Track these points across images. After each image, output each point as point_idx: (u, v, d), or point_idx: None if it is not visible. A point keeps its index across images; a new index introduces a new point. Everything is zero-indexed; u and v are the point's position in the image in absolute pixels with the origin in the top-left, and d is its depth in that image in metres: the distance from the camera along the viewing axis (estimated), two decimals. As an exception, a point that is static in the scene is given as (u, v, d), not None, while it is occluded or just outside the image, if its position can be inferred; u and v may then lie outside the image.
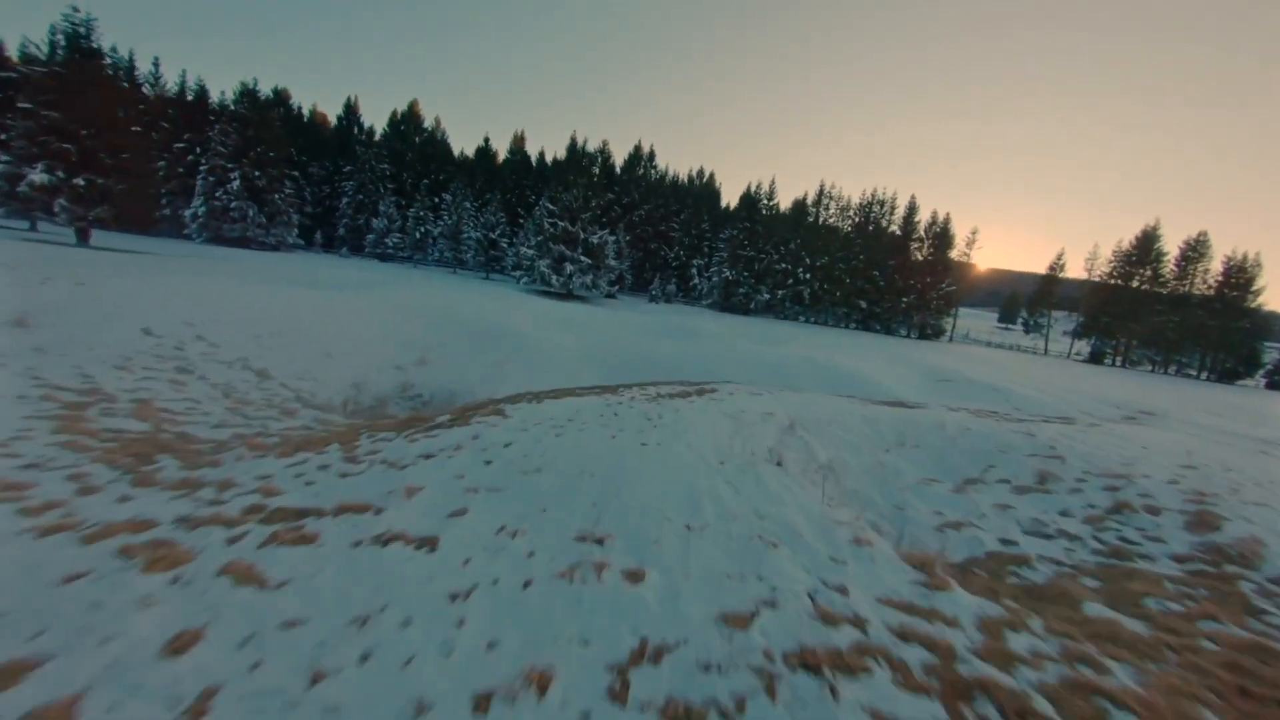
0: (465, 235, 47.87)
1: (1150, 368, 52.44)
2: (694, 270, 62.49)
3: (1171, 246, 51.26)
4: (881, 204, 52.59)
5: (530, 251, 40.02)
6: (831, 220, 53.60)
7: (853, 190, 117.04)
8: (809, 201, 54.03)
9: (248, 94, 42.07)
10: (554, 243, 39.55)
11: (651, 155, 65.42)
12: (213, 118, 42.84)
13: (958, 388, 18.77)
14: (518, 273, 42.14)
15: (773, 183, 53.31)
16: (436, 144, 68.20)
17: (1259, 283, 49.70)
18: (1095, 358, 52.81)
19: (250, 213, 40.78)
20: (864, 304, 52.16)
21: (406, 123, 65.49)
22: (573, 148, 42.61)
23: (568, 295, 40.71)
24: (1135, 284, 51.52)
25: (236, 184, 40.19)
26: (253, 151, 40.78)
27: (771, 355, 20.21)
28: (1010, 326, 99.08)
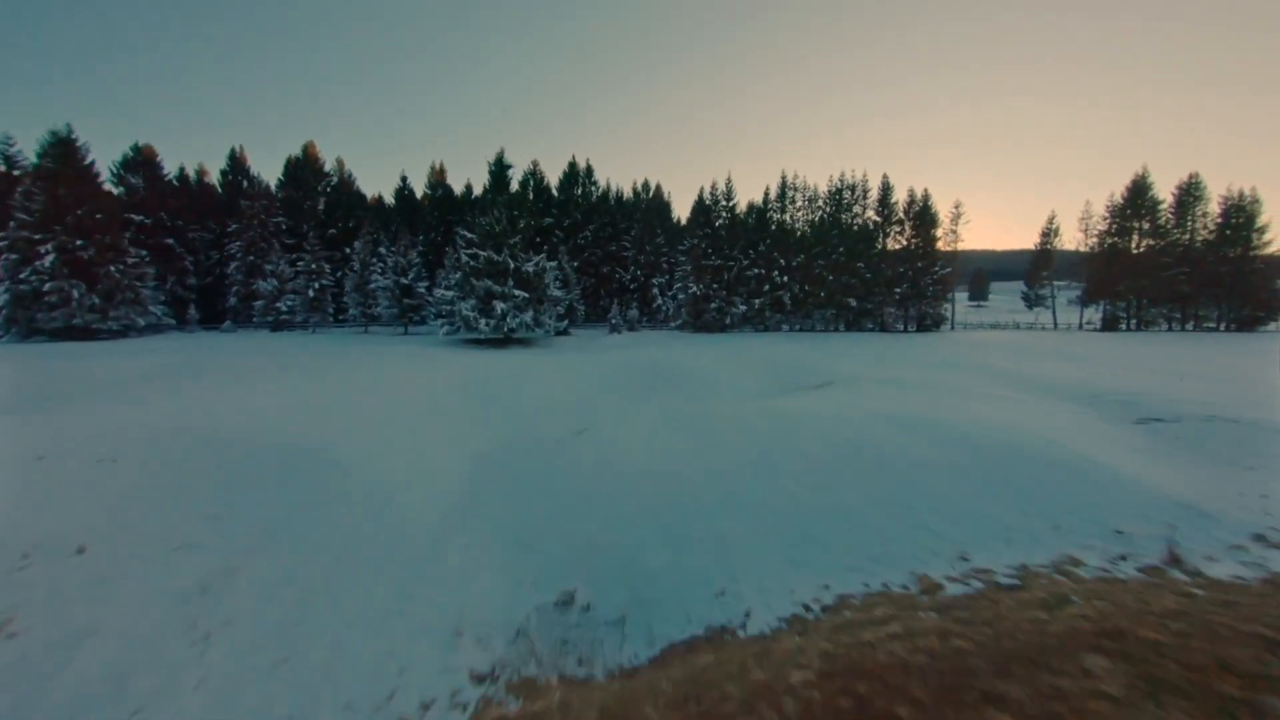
0: (375, 285, 39.17)
1: (1166, 326, 47.50)
2: (655, 290, 55.18)
3: (1165, 195, 47.11)
4: (852, 189, 46.71)
5: (449, 293, 31.70)
6: (800, 215, 47.29)
7: (818, 179, 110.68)
8: (771, 197, 47.76)
9: (59, 145, 32.80)
10: (477, 278, 31.39)
11: (590, 172, 58.58)
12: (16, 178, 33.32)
13: (1177, 428, 11.17)
14: (440, 321, 33.65)
15: (729, 183, 46.92)
16: (342, 189, 59.60)
17: (1260, 220, 45.61)
18: (1109, 324, 47.60)
19: (76, 294, 31.16)
20: (853, 301, 45.67)
21: (302, 168, 56.73)
22: (499, 164, 34.86)
23: (505, 340, 32.43)
24: (1135, 239, 46.86)
25: (51, 259, 30.65)
26: (69, 217, 31.40)
27: (821, 413, 12.23)
28: (983, 304, 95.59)
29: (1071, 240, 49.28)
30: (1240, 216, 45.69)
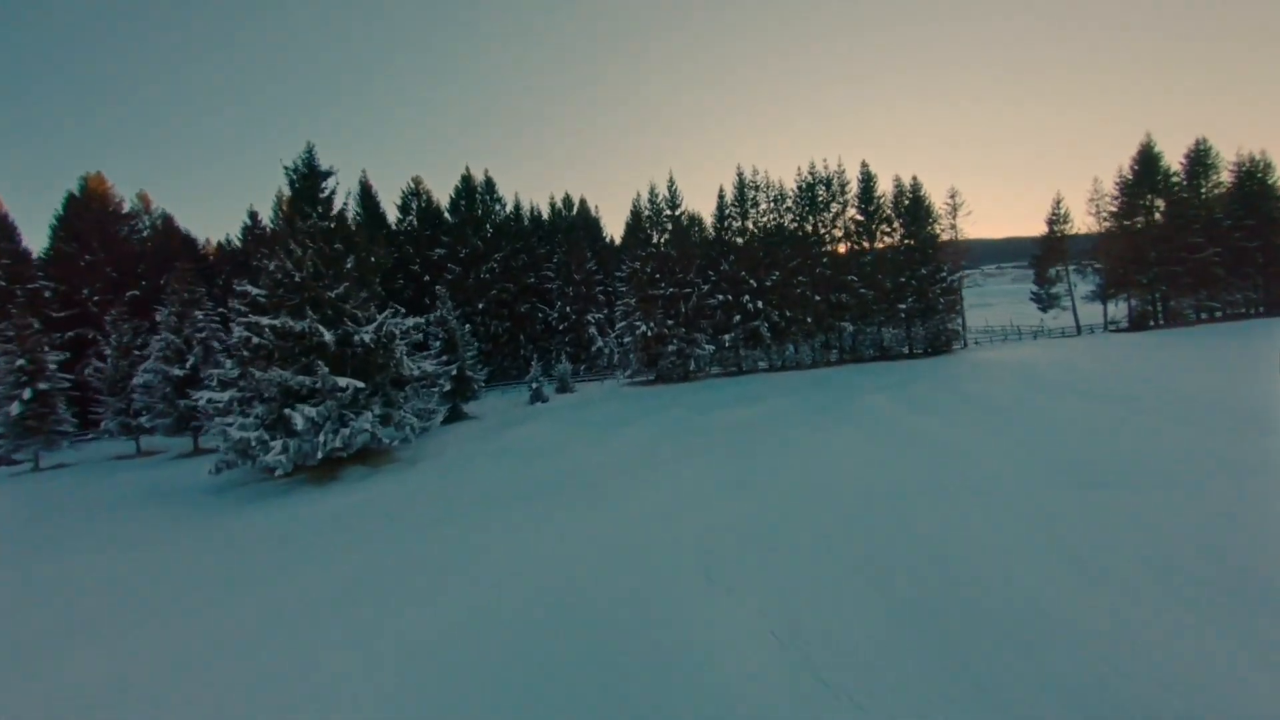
0: (140, 382, 24.39)
1: (1194, 317, 40.08)
2: (592, 329, 42.79)
3: (1173, 164, 40.13)
4: (827, 183, 36.57)
5: (221, 396, 17.86)
6: (767, 220, 36.54)
7: (784, 175, 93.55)
8: (728, 201, 36.87)
9: None
10: (261, 366, 17.90)
11: (490, 186, 45.85)
12: None
13: None
14: (221, 443, 19.56)
15: (672, 186, 35.62)
16: (155, 233, 43.97)
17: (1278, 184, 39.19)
18: (1139, 322, 39.68)
19: None
20: (847, 324, 35.16)
21: (81, 208, 40.75)
22: (306, 169, 21.55)
23: (330, 467, 19.10)
24: (1152, 217, 39.36)
25: None
26: None
27: None
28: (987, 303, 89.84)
29: (1082, 225, 41.49)
30: (1255, 183, 39.22)
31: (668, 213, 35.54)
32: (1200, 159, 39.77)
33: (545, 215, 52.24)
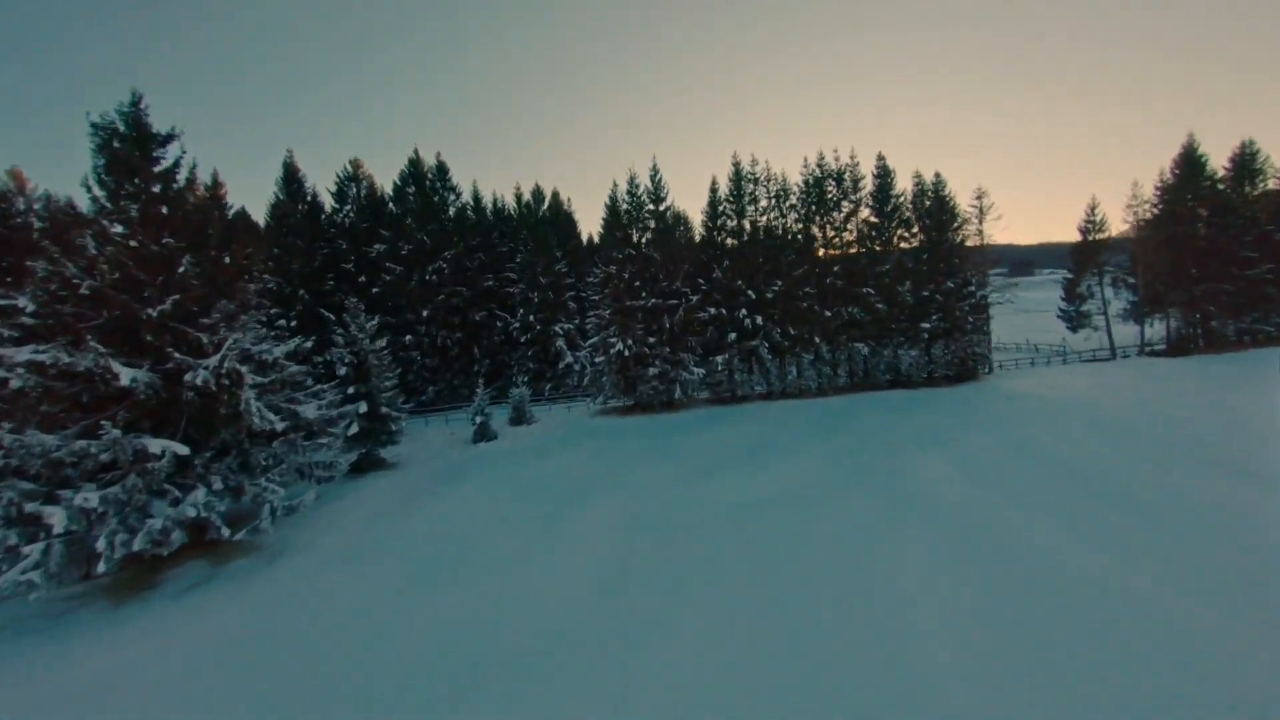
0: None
1: (1236, 340, 35.77)
2: (560, 342, 36.50)
3: (1218, 169, 35.75)
4: (838, 178, 30.97)
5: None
6: (766, 221, 30.77)
7: (787, 167, 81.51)
8: (721, 196, 30.98)
9: None
10: (20, 436, 11.32)
11: (443, 172, 39.11)
12: None
13: None
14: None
15: (656, 175, 29.56)
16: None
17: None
18: (1179, 346, 35.17)
19: None
20: (862, 346, 29.64)
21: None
22: (134, 121, 14.73)
23: (145, 575, 12.57)
24: (1189, 227, 34.88)
25: None
26: None
27: None
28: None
29: (1119, 233, 36.75)
30: (1302, 194, 35.04)
31: (650, 208, 29.49)
32: (1247, 163, 35.45)
33: (511, 208, 45.68)
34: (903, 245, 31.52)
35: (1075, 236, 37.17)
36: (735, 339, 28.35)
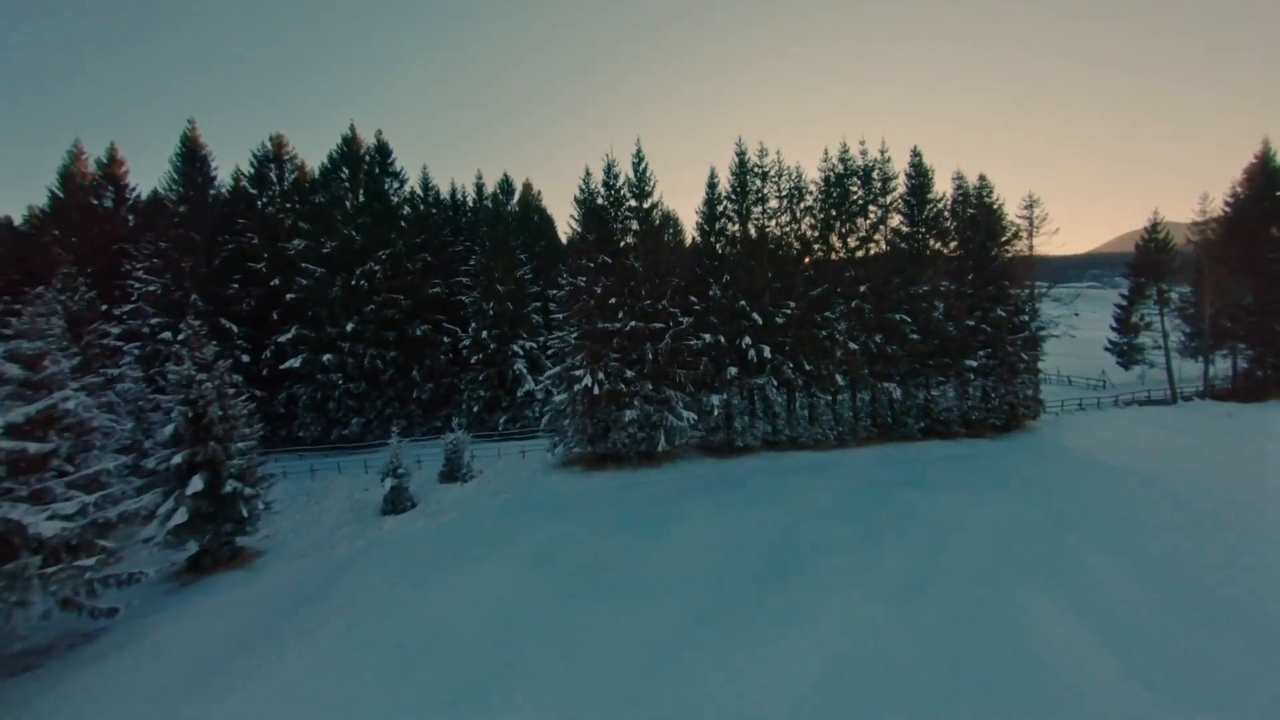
0: None
1: (1306, 383, 30.70)
2: (519, 364, 29.96)
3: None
4: (864, 175, 25.02)
5: None
6: (777, 225, 24.66)
7: (801, 160, 62.86)
8: (721, 193, 24.74)
9: None
10: None
11: (384, 154, 32.21)
12: None
13: None
14: None
15: (641, 165, 23.11)
16: None
17: None
18: (1250, 389, 29.94)
19: None
20: (893, 387, 23.70)
21: None
22: None
23: None
24: (1264, 251, 29.79)
25: None
26: None
27: None
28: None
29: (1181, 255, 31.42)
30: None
31: (633, 204, 23.15)
32: (1324, 177, 30.51)
33: (467, 193, 38.98)
34: (936, 259, 25.72)
35: (1103, 242, 31.76)
36: (736, 375, 22.15)
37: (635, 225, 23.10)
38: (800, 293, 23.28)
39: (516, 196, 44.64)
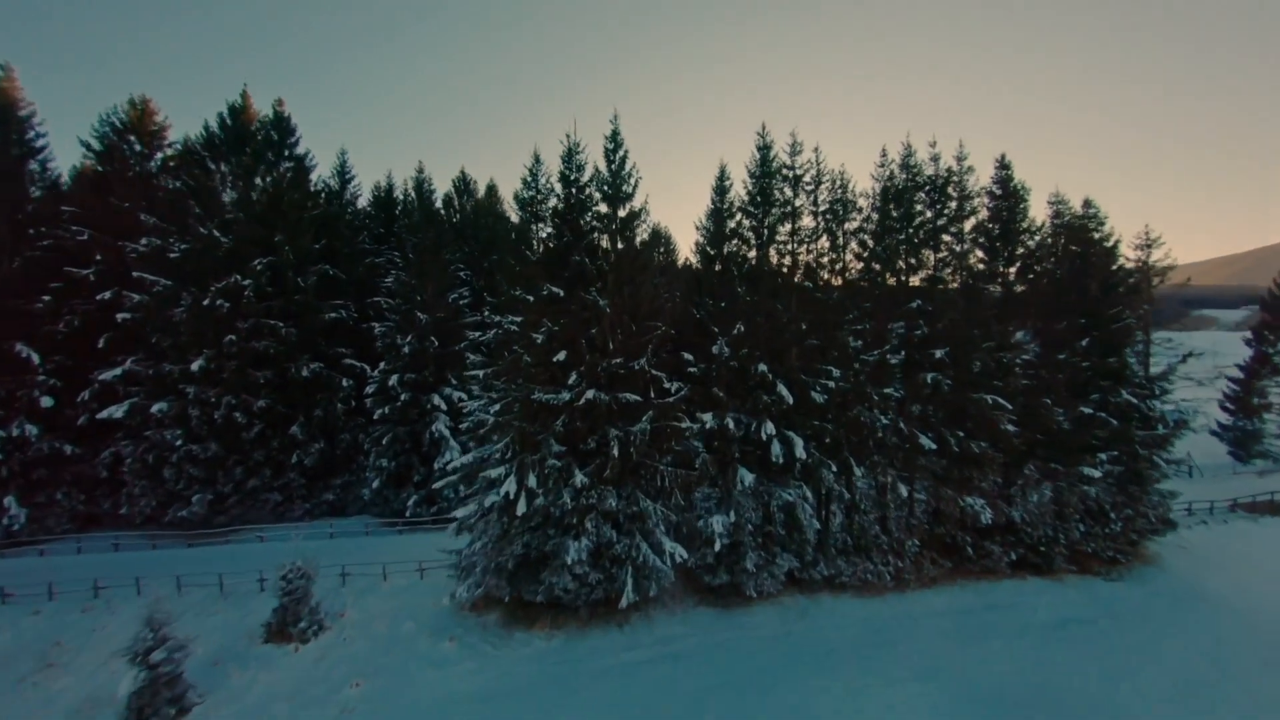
0: None
1: None
2: (440, 424, 21.69)
3: None
4: (936, 186, 17.58)
5: None
6: (810, 255, 16.95)
7: (846, 163, 47.35)
8: (733, 202, 17.09)
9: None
10: None
11: (282, 127, 24.08)
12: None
13: None
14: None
15: (617, 154, 15.42)
16: None
17: None
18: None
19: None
20: (978, 503, 15.88)
21: None
22: None
23: None
24: None
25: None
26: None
27: None
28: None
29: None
30: None
31: (603, 209, 15.28)
32: None
33: (397, 186, 30.84)
34: (1033, 315, 18.27)
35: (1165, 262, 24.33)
36: (753, 482, 14.13)
37: (605, 242, 15.21)
38: (848, 354, 15.53)
39: (481, 194, 36.74)
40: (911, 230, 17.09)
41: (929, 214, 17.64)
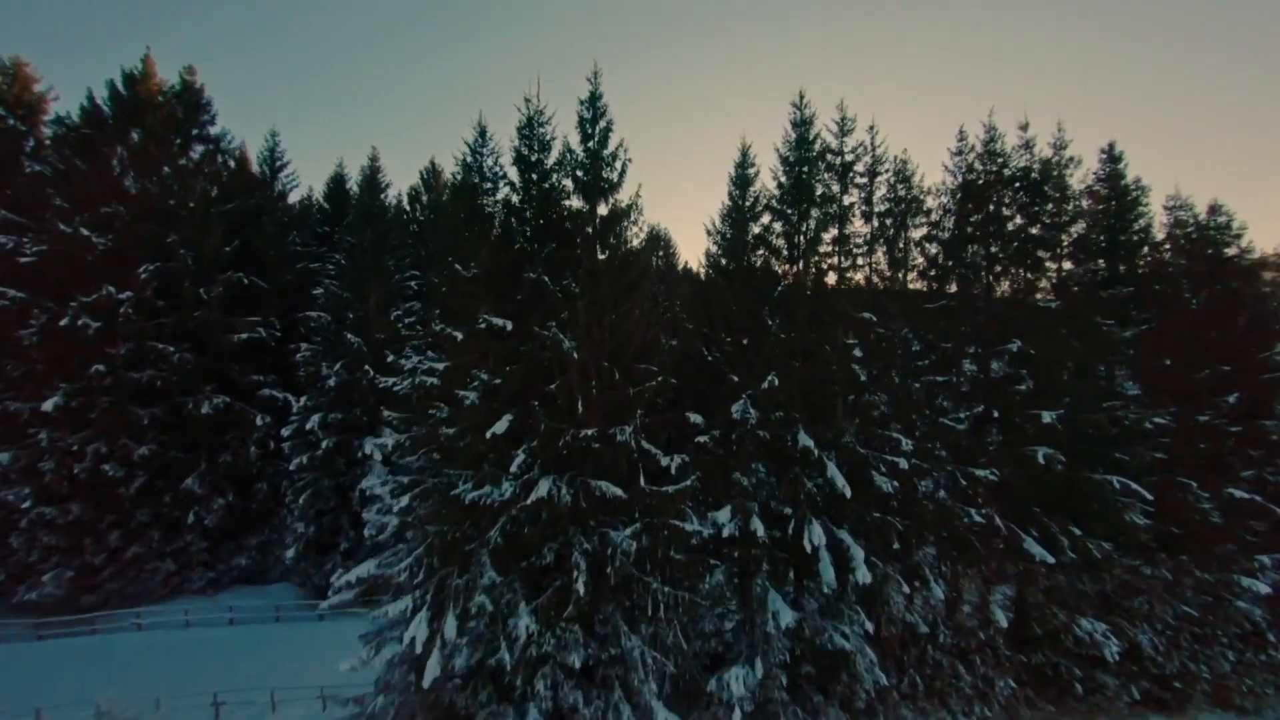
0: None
1: None
2: (372, 477, 16.93)
3: None
4: (1033, 182, 12.94)
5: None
6: (867, 267, 12.39)
7: (909, 148, 16.37)
8: (760, 195, 12.52)
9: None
10: None
11: (192, 103, 19.37)
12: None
13: None
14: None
15: (597, 120, 10.92)
16: None
17: None
18: None
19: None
20: (1095, 625, 11.24)
21: None
22: None
23: None
24: None
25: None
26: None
27: None
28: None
29: None
30: None
31: (575, 204, 10.66)
32: None
33: (251, 159, 26.05)
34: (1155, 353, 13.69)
35: None
36: (794, 622, 9.47)
37: (579, 248, 10.56)
38: (924, 414, 10.93)
39: (449, 188, 32.01)
40: (1003, 240, 12.48)
41: (1019, 219, 13.06)
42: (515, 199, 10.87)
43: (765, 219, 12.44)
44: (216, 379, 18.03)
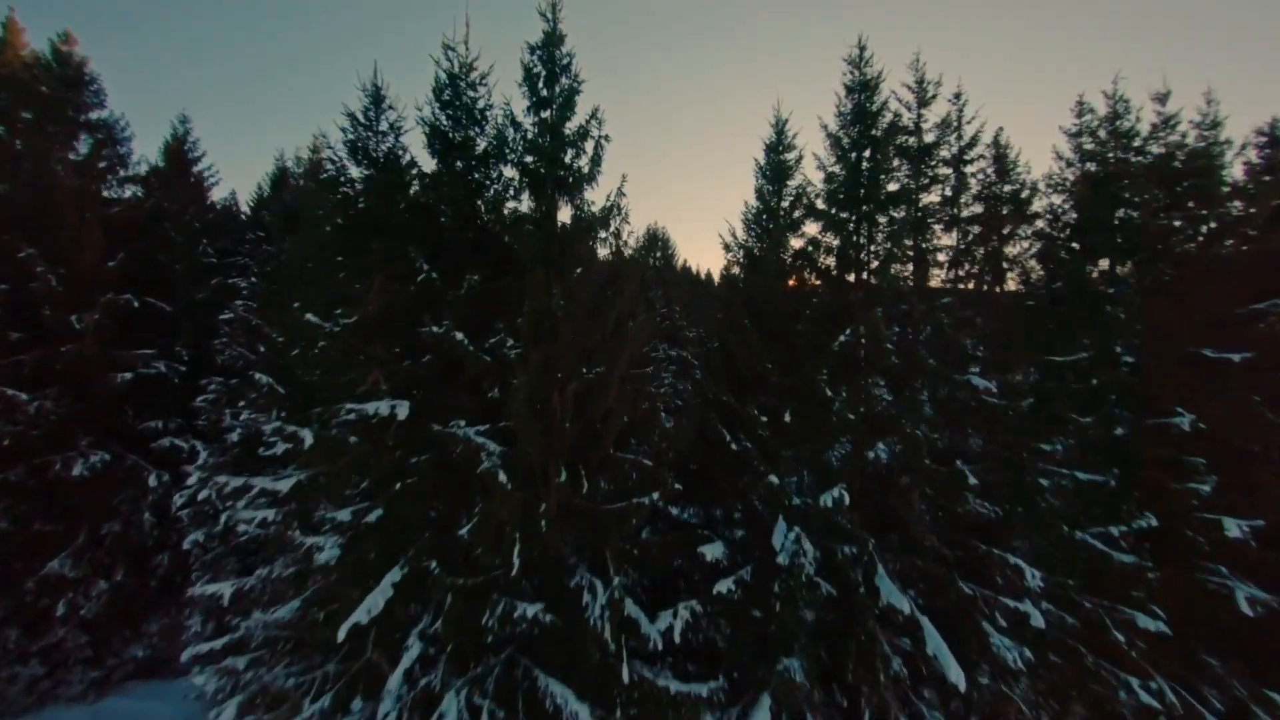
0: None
1: None
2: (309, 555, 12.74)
3: None
4: (1181, 162, 8.98)
5: None
6: (980, 270, 8.47)
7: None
8: (804, 188, 8.60)
9: None
10: None
11: (74, 74, 15.45)
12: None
13: None
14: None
15: (554, 62, 7.09)
16: None
17: None
18: None
19: None
20: None
21: None
22: None
23: None
24: None
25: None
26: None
27: None
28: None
29: None
30: None
31: (523, 207, 6.75)
32: None
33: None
34: None
35: None
36: None
37: (525, 277, 6.61)
38: (1057, 521, 7.00)
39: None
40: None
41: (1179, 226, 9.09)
42: (427, 198, 7.00)
43: (808, 227, 8.51)
44: (97, 429, 14.18)
